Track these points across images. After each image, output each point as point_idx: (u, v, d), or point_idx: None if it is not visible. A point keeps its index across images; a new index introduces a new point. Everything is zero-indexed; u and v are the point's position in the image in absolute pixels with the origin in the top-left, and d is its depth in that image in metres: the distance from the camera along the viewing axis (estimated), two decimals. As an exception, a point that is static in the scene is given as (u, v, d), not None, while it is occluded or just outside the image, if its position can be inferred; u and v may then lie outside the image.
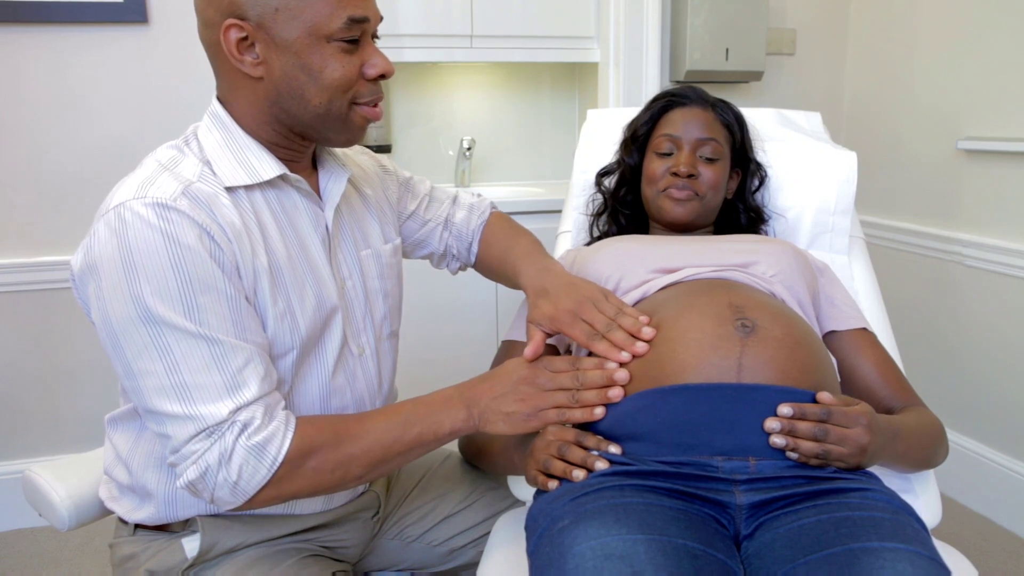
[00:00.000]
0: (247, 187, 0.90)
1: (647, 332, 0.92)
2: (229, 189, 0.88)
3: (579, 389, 0.91)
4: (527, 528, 0.88)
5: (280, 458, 0.83)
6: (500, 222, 1.25)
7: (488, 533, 1.16)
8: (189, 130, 0.95)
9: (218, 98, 0.94)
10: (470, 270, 1.30)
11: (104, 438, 1.03)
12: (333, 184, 1.00)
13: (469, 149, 2.56)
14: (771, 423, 0.81)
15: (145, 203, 0.81)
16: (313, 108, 0.89)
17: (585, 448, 0.87)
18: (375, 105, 0.93)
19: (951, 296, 2.19)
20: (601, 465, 0.84)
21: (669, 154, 1.25)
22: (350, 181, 1.06)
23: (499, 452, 1.01)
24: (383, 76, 0.91)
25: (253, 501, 0.85)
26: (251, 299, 0.87)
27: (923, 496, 1.14)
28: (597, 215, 1.42)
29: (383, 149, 2.53)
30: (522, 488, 1.18)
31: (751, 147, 1.34)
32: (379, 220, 1.10)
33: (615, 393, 0.89)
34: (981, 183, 2.09)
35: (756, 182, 1.36)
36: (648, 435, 0.85)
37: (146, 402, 0.82)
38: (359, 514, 1.10)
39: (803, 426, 0.81)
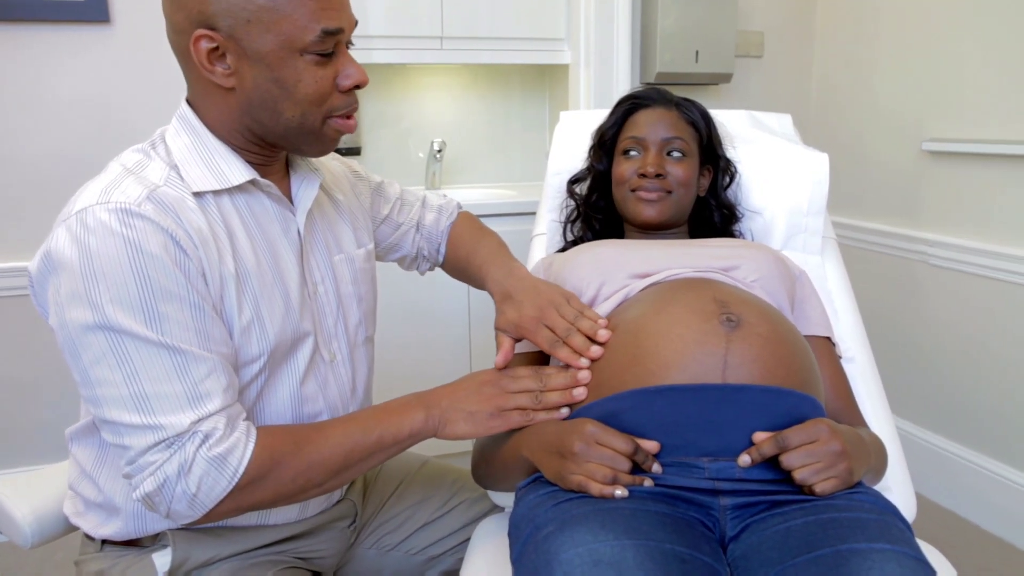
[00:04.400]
0: (215, 192, 0.88)
1: (602, 335, 0.94)
2: (197, 194, 0.86)
3: (543, 391, 0.93)
4: (510, 535, 0.86)
5: (241, 470, 0.81)
6: (466, 223, 1.26)
7: (467, 540, 1.15)
8: (156, 133, 0.93)
9: (188, 101, 0.91)
10: (439, 271, 1.31)
11: (67, 451, 0.99)
12: (305, 189, 0.99)
13: (440, 151, 2.54)
14: (744, 459, 0.81)
15: (108, 208, 0.78)
16: (286, 121, 0.87)
17: (633, 460, 0.83)
18: (349, 116, 0.91)
19: (917, 294, 2.23)
20: (648, 484, 0.82)
21: (636, 156, 1.25)
22: (322, 187, 1.04)
23: (509, 452, 0.96)
24: (358, 86, 0.89)
25: (210, 514, 0.82)
26: (217, 306, 0.85)
27: (898, 493, 1.16)
28: (571, 221, 1.41)
29: (352, 152, 2.50)
30: (501, 494, 1.16)
31: (719, 143, 1.34)
32: (352, 225, 1.08)
33: (579, 392, 0.91)
34: (945, 183, 2.13)
35: (727, 179, 1.37)
36: (633, 436, 0.84)
37: (103, 412, 0.79)
38: (335, 523, 1.08)
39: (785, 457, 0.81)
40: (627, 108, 1.30)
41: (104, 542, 0.96)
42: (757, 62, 2.56)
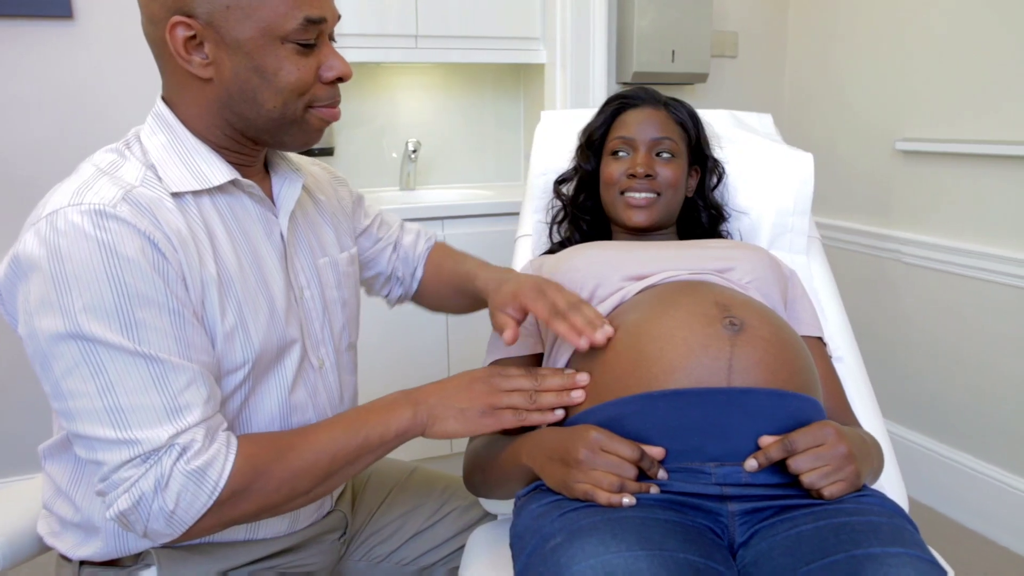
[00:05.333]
0: (195, 193, 0.84)
1: (606, 330, 0.89)
2: (176, 195, 0.82)
3: (537, 391, 0.89)
4: (513, 546, 0.84)
5: (222, 484, 0.77)
6: (447, 248, 1.23)
7: (459, 549, 1.12)
8: (131, 133, 0.88)
9: (163, 98, 0.87)
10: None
11: (39, 467, 0.94)
12: (287, 189, 0.95)
13: (415, 151, 2.51)
14: (751, 464, 0.80)
15: (81, 210, 0.74)
16: (267, 112, 0.83)
17: (639, 468, 0.81)
18: (333, 106, 0.88)
19: (891, 292, 2.26)
20: (655, 491, 0.80)
21: (625, 156, 1.24)
22: (304, 187, 1.01)
23: (508, 460, 0.94)
24: (340, 79, 0.87)
25: (191, 531, 0.78)
26: (199, 312, 0.81)
27: (890, 493, 1.15)
28: (558, 222, 1.39)
29: (325, 152, 2.45)
30: (494, 502, 1.14)
31: (707, 144, 1.34)
32: (334, 227, 1.05)
33: (577, 394, 0.88)
34: (918, 183, 2.16)
35: (715, 179, 1.36)
36: (637, 442, 0.82)
37: (76, 426, 0.75)
38: (325, 536, 1.04)
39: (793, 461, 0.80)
40: (615, 108, 1.29)
41: (82, 563, 0.91)
42: (731, 62, 2.57)
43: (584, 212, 1.35)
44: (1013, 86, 1.88)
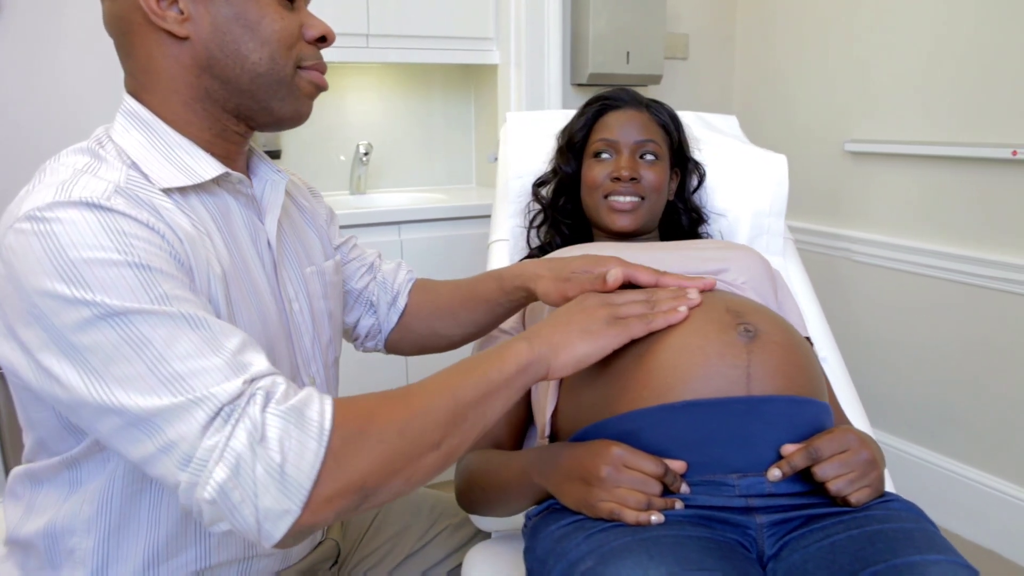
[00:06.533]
0: (181, 191, 0.76)
1: (707, 281, 0.91)
2: (167, 194, 0.74)
3: (651, 299, 0.86)
4: (532, 571, 0.80)
5: (327, 424, 0.63)
6: (433, 280, 1.14)
7: (454, 569, 1.08)
8: (98, 131, 0.80)
9: (130, 93, 0.79)
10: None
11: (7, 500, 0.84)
12: (270, 191, 0.88)
13: (367, 154, 2.43)
14: (774, 473, 0.78)
15: (71, 202, 0.65)
16: (252, 66, 0.77)
17: (662, 483, 0.78)
18: (321, 70, 0.84)
19: (841, 290, 2.31)
20: (679, 506, 0.77)
21: (608, 159, 1.21)
22: (287, 191, 0.94)
23: (514, 478, 0.89)
24: (324, 39, 0.83)
25: (314, 499, 0.62)
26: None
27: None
28: (536, 226, 1.36)
29: (273, 155, 2.35)
30: (487, 519, 1.09)
31: (688, 146, 1.33)
32: (318, 234, 0.99)
33: (694, 295, 0.86)
34: (867, 183, 2.22)
35: (695, 181, 1.36)
36: (657, 455, 0.80)
37: (128, 407, 0.62)
38: (318, 566, 0.98)
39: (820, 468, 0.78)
40: (597, 109, 1.27)
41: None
42: (683, 64, 2.59)
43: (565, 215, 1.32)
44: (958, 88, 1.95)
